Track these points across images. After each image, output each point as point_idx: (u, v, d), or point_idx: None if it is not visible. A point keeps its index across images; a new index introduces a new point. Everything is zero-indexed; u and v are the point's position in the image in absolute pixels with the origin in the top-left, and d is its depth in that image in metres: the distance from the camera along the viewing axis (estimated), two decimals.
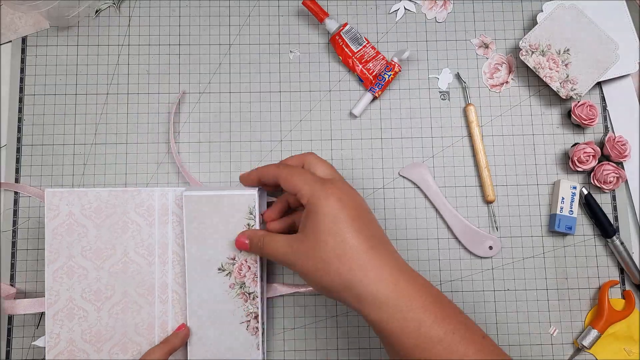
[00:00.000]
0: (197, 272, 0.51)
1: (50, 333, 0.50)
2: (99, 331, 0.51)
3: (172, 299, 0.53)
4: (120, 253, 0.52)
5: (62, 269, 0.50)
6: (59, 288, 0.50)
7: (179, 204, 0.53)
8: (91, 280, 0.51)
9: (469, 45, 0.60)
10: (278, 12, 0.60)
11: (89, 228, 0.51)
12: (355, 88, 0.59)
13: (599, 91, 0.59)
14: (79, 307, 0.50)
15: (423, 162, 0.58)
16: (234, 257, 0.51)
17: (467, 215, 0.57)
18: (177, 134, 0.58)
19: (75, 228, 0.51)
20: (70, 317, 0.50)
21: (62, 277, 0.50)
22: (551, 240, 0.57)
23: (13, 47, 0.58)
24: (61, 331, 0.49)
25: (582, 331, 0.56)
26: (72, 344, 0.50)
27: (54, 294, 0.50)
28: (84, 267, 0.51)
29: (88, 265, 0.51)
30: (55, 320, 0.50)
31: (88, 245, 0.51)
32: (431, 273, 0.56)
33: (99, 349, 0.51)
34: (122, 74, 0.58)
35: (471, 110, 0.57)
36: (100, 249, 0.51)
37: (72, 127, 0.57)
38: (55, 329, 0.50)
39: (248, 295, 0.51)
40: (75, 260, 0.51)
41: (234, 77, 0.59)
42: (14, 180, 0.56)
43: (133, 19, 0.59)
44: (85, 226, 0.51)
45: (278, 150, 0.58)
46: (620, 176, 0.56)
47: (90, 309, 0.51)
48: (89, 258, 0.51)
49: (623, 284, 0.57)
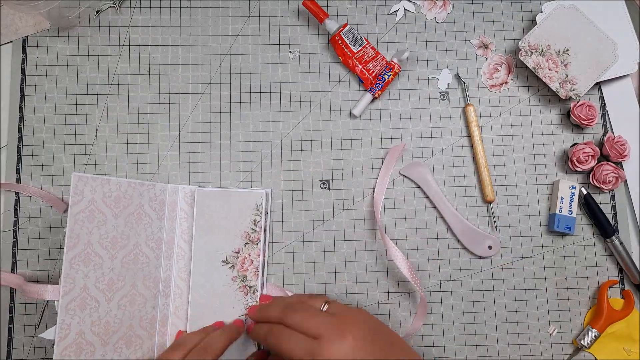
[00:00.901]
0: (202, 263, 0.53)
1: (62, 323, 0.49)
2: (108, 323, 0.50)
3: (174, 293, 0.53)
4: (132, 244, 0.52)
5: (80, 256, 0.50)
6: (75, 275, 0.49)
7: (188, 201, 0.55)
8: (105, 270, 0.51)
9: (469, 46, 0.60)
10: (278, 13, 0.60)
11: (108, 216, 0.51)
12: (355, 88, 0.59)
13: (598, 91, 0.59)
14: (92, 297, 0.50)
15: (423, 162, 0.58)
16: (239, 250, 0.53)
17: (466, 215, 0.57)
18: (178, 134, 0.58)
19: (96, 215, 0.50)
20: (83, 306, 0.49)
21: (79, 264, 0.49)
22: (550, 240, 0.57)
23: (14, 47, 0.58)
24: (72, 322, 0.49)
25: (581, 331, 0.56)
26: (81, 336, 0.49)
27: (69, 282, 0.49)
28: (100, 255, 0.50)
29: (104, 254, 0.51)
30: (67, 310, 0.49)
31: (106, 234, 0.51)
32: (431, 273, 0.56)
33: (105, 342, 0.50)
34: (122, 74, 0.58)
35: (471, 110, 0.58)
36: (116, 239, 0.51)
37: (73, 127, 0.57)
38: (67, 319, 0.49)
39: (249, 288, 0.53)
40: (93, 248, 0.50)
41: (234, 77, 0.59)
42: (14, 180, 0.56)
43: (133, 19, 0.59)
44: (105, 214, 0.51)
45: (278, 150, 0.58)
46: (619, 176, 0.56)
47: (101, 300, 0.50)
48: (105, 247, 0.51)
49: (622, 284, 0.57)
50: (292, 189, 0.57)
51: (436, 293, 0.56)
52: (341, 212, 0.57)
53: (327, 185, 0.57)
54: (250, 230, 0.54)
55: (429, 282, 0.56)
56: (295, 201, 0.57)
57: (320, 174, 0.57)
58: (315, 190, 0.57)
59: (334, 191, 0.57)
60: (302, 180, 0.57)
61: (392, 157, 0.56)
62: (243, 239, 0.54)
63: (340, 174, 0.57)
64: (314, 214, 0.57)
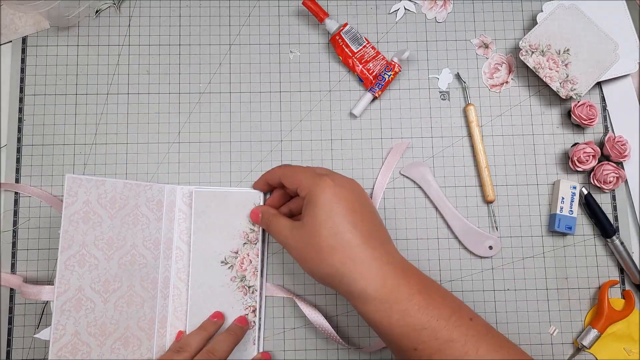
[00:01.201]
0: (200, 264, 0.53)
1: (57, 324, 0.49)
2: (104, 324, 0.50)
3: (172, 294, 0.53)
4: (129, 245, 0.52)
5: (75, 257, 0.50)
6: (70, 277, 0.49)
7: (186, 202, 0.55)
8: (101, 271, 0.51)
9: (469, 45, 0.60)
10: (278, 12, 0.60)
11: (104, 218, 0.51)
12: (355, 88, 0.59)
13: (599, 91, 0.59)
14: (87, 298, 0.50)
15: (423, 162, 0.58)
16: (237, 250, 0.53)
17: (467, 215, 0.57)
18: (177, 134, 0.58)
19: (90, 216, 0.51)
20: (78, 307, 0.50)
21: (74, 265, 0.50)
22: (551, 240, 0.57)
23: (13, 47, 0.58)
24: (67, 323, 0.49)
25: (582, 331, 0.56)
26: (77, 337, 0.49)
27: (64, 283, 0.49)
28: (95, 256, 0.51)
29: (99, 255, 0.51)
30: (62, 311, 0.49)
31: (101, 235, 0.51)
32: (431, 273, 0.56)
33: (102, 343, 0.50)
34: (122, 74, 0.58)
35: (471, 110, 0.57)
36: (112, 240, 0.51)
37: (72, 127, 0.57)
38: (62, 320, 0.49)
39: (248, 288, 0.53)
40: (88, 249, 0.50)
41: (234, 77, 0.59)
42: (14, 180, 0.56)
43: (133, 19, 0.59)
44: (100, 215, 0.51)
45: (278, 150, 0.58)
46: (620, 176, 0.56)
47: (97, 301, 0.50)
48: (101, 248, 0.51)
49: (623, 284, 0.57)
50: None
51: None
52: None
53: None
54: (249, 230, 0.54)
55: None
56: None
57: None
58: None
59: None
60: None
61: (395, 154, 0.56)
62: (241, 239, 0.54)
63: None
64: None
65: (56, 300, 0.49)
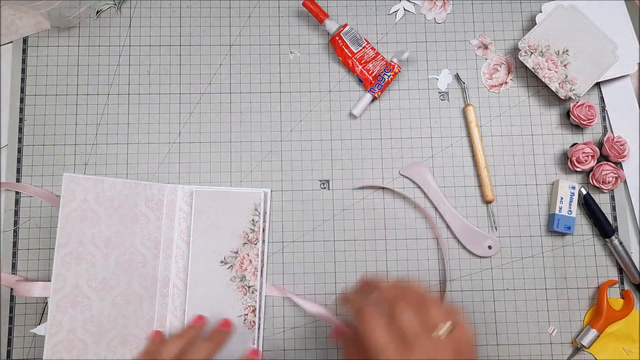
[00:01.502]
0: (200, 263, 0.53)
1: (53, 320, 0.49)
2: (101, 321, 0.51)
3: (172, 293, 0.53)
4: (127, 244, 0.52)
5: (72, 254, 0.50)
6: (66, 274, 0.50)
7: (187, 201, 0.55)
8: (98, 269, 0.51)
9: (468, 46, 0.60)
10: (278, 13, 0.60)
11: (102, 216, 0.51)
12: (355, 88, 0.59)
13: (598, 91, 0.59)
14: (84, 295, 0.50)
15: (423, 162, 0.58)
16: (237, 250, 0.54)
17: (466, 215, 0.57)
18: (178, 134, 0.58)
19: (88, 215, 0.51)
20: (74, 304, 0.50)
21: (71, 262, 0.50)
22: (550, 240, 0.57)
23: (14, 47, 0.58)
24: (63, 319, 0.49)
25: (581, 330, 0.56)
26: (73, 333, 0.49)
27: (60, 280, 0.49)
28: (92, 254, 0.51)
29: (97, 253, 0.51)
30: (59, 307, 0.49)
31: (99, 233, 0.51)
32: (431, 273, 0.56)
33: (98, 340, 0.50)
34: (123, 74, 0.58)
35: (470, 110, 0.58)
36: (110, 238, 0.52)
37: (73, 127, 0.57)
38: (58, 316, 0.49)
39: (247, 288, 0.53)
40: (85, 247, 0.51)
41: (234, 77, 0.59)
42: (15, 180, 0.56)
43: (134, 20, 0.59)
44: (98, 214, 0.51)
45: (278, 150, 0.58)
46: (619, 176, 0.56)
47: (94, 298, 0.50)
48: (98, 246, 0.51)
49: (622, 284, 0.57)
50: (292, 189, 0.57)
51: (436, 293, 0.56)
52: (341, 212, 0.57)
53: (327, 185, 0.57)
54: (249, 230, 0.54)
55: (429, 282, 0.56)
56: (295, 201, 0.57)
57: (320, 174, 0.57)
58: (315, 190, 0.57)
59: (333, 191, 0.57)
60: (302, 180, 0.57)
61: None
62: (241, 239, 0.54)
63: (340, 174, 0.57)
64: (313, 214, 0.57)
65: (52, 297, 0.49)
